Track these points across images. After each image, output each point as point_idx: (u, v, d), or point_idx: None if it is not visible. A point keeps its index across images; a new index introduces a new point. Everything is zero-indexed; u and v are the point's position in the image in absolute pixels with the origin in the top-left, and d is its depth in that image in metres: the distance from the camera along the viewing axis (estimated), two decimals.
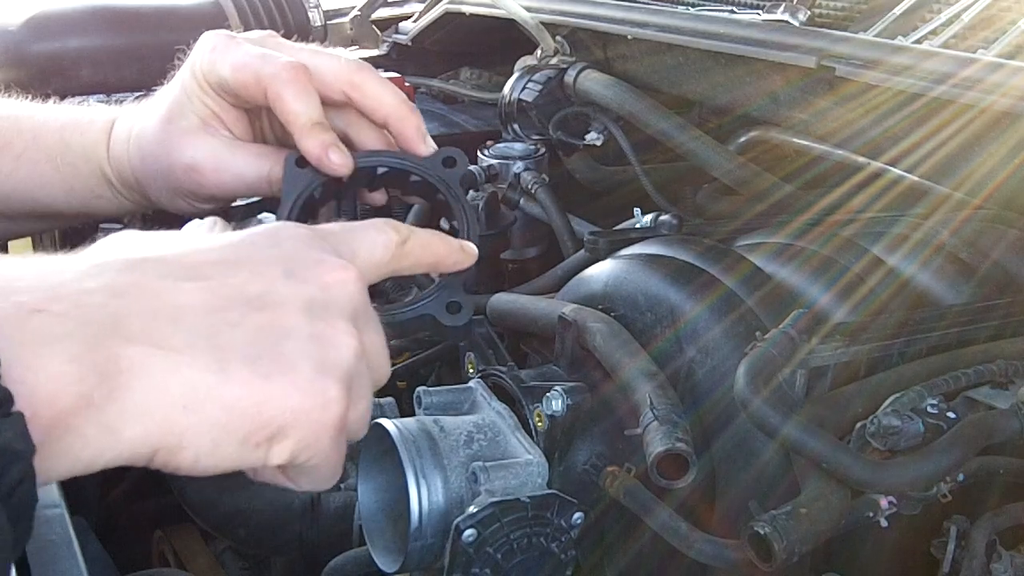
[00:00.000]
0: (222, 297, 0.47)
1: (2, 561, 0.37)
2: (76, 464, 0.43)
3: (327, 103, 0.76)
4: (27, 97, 0.91)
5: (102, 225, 1.33)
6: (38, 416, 0.40)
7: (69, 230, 1.34)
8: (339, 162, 0.72)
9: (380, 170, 0.78)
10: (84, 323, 0.43)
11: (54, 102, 0.92)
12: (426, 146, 0.77)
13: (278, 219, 0.73)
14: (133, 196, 0.87)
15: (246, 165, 0.78)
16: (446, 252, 0.65)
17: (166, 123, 0.80)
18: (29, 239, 1.42)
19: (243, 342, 0.47)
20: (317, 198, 0.75)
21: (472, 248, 0.67)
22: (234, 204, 0.98)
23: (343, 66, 0.77)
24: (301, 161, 0.73)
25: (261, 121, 0.83)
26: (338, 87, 0.76)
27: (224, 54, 0.76)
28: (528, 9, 1.44)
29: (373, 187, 0.81)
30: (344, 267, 0.52)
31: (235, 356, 0.46)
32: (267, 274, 0.50)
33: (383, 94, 0.76)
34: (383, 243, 0.58)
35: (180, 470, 0.46)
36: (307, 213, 0.74)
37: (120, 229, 1.35)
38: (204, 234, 0.55)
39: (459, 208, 0.74)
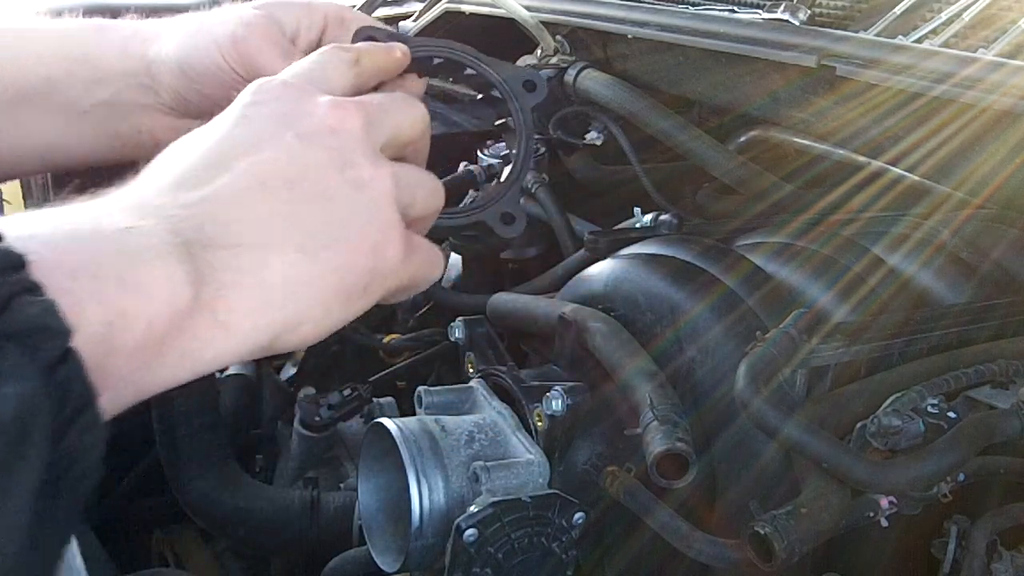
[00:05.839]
0: (264, 181, 0.50)
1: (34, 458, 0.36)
2: (199, 365, 0.47)
3: None
4: None
5: None
6: (158, 319, 0.44)
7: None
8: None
9: (436, 60, 0.79)
10: (173, 234, 0.46)
11: None
12: None
13: None
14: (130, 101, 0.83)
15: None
16: (389, 58, 0.67)
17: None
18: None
19: (306, 219, 0.51)
20: None
21: (404, 49, 0.70)
22: None
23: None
24: (370, 39, 0.74)
25: None
26: None
27: None
28: (528, 8, 1.43)
29: (429, 74, 0.82)
30: (334, 104, 0.55)
31: (307, 235, 0.50)
32: (284, 143, 0.52)
33: None
34: (342, 65, 0.60)
35: (305, 343, 0.52)
36: None
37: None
38: (205, 131, 0.55)
39: (521, 128, 0.75)
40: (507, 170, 0.73)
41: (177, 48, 0.77)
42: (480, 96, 0.83)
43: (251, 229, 0.49)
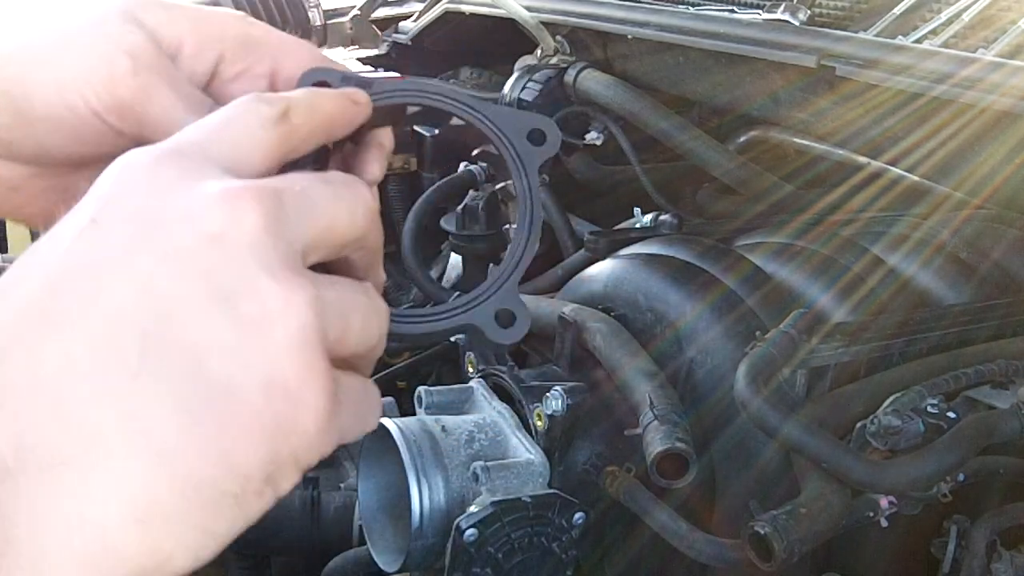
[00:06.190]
0: (100, 346, 0.33)
1: None
2: None
3: None
4: None
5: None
6: None
7: None
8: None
9: (411, 109, 0.55)
10: None
11: None
12: None
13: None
14: None
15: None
16: (337, 107, 0.45)
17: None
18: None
19: (163, 400, 0.33)
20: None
21: (362, 96, 0.47)
22: None
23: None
24: (322, 84, 0.51)
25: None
26: None
27: None
28: (528, 8, 1.44)
29: (402, 124, 0.57)
30: (223, 195, 0.35)
31: (165, 429, 0.33)
32: (137, 273, 0.34)
33: None
34: (258, 124, 0.40)
35: (184, 572, 0.35)
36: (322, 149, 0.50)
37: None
38: (41, 248, 0.36)
39: (525, 196, 0.52)
40: (508, 252, 0.51)
41: (5, 72, 0.48)
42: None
43: (73, 434, 0.32)
